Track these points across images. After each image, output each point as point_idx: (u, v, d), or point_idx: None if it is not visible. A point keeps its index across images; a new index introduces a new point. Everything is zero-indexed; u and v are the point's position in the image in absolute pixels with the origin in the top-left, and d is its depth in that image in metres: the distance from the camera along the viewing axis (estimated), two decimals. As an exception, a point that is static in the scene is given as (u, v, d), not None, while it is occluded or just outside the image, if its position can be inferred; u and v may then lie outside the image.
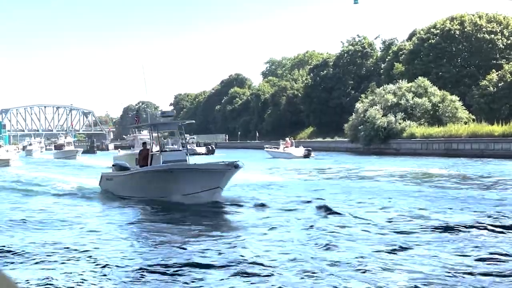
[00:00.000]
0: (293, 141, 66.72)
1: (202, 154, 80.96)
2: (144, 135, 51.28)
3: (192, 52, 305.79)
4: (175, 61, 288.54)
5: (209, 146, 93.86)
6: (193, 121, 28.12)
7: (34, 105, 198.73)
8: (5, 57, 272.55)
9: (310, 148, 61.96)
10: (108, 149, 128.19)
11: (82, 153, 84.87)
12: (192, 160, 22.67)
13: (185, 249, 11.58)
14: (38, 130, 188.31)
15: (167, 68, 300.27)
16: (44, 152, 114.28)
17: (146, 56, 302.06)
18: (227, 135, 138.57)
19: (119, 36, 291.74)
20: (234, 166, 18.39)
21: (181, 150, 22.90)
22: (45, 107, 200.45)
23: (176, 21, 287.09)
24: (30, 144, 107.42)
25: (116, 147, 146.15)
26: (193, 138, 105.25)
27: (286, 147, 62.64)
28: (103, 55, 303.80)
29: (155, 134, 23.23)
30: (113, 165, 25.62)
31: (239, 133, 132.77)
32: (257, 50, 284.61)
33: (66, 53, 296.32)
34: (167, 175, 19.54)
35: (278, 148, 65.14)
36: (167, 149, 24.24)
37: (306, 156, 58.30)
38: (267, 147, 69.52)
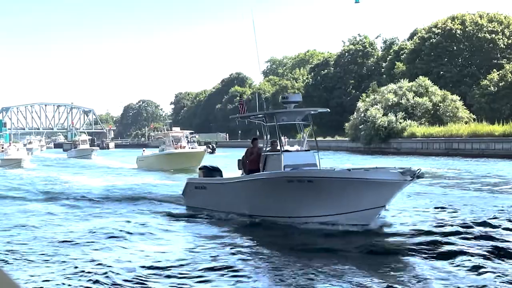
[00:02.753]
0: (287, 140, 66.86)
1: None
2: (177, 131, 48.19)
3: (193, 51, 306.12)
4: (176, 59, 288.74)
5: (210, 145, 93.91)
6: (327, 110, 17.92)
7: (34, 104, 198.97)
8: (6, 56, 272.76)
9: (307, 148, 62.04)
10: (108, 148, 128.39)
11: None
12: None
13: None
14: (38, 129, 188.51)
15: (168, 66, 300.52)
16: (44, 151, 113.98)
17: (146, 55, 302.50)
18: (227, 134, 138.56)
19: (120, 35, 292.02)
20: (415, 176, 12.65)
21: (308, 151, 16.48)
22: (45, 105, 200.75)
23: (176, 20, 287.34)
24: (30, 142, 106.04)
25: (116, 146, 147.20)
26: (194, 136, 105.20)
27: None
28: (104, 54, 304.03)
29: (271, 127, 17.17)
30: (201, 169, 19.48)
31: (239, 132, 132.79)
32: (258, 49, 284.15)
33: (66, 51, 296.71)
34: (300, 186, 13.72)
35: None
36: (290, 149, 17.29)
37: None
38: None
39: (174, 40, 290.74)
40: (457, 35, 78.81)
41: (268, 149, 16.31)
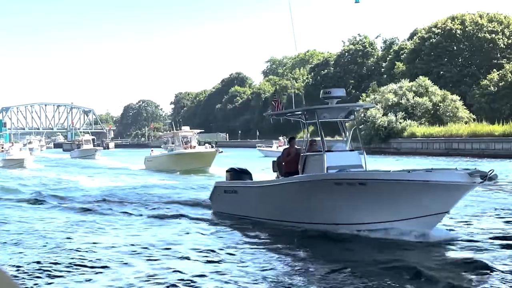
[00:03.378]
0: (286, 140, 67.09)
1: None
2: (186, 131, 45.76)
3: (193, 51, 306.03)
4: (176, 59, 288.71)
5: (211, 145, 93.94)
6: (374, 105, 15.90)
7: (34, 103, 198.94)
8: (6, 56, 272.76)
9: (305, 148, 62.25)
10: (108, 148, 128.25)
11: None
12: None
13: None
14: (38, 129, 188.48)
15: (168, 66, 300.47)
16: (44, 151, 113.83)
17: (146, 55, 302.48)
18: (227, 134, 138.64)
19: (120, 35, 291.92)
20: (486, 178, 11.22)
21: (353, 151, 15.20)
22: (45, 105, 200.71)
23: (176, 20, 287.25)
24: (30, 142, 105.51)
25: (116, 146, 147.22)
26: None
27: (279, 145, 63.10)
28: (104, 54, 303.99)
29: (311, 125, 16.14)
30: (228, 171, 17.76)
31: (239, 132, 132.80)
32: (258, 49, 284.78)
33: (66, 51, 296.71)
34: (351, 189, 12.37)
35: (271, 147, 65.53)
36: (333, 149, 15.33)
37: None
38: (259, 146, 69.91)
39: (174, 40, 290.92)
40: (457, 35, 78.83)
41: (307, 149, 14.97)
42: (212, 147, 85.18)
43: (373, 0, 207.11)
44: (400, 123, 62.64)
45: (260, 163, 48.42)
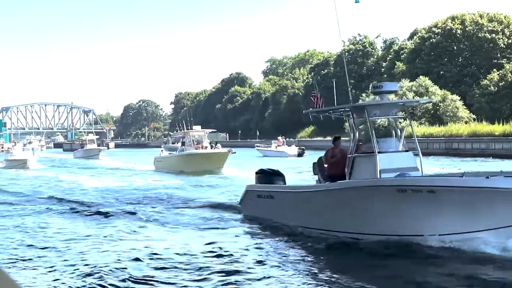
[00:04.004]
0: (284, 140, 67.25)
1: None
2: (197, 131, 43.97)
3: (193, 51, 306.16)
4: (176, 59, 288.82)
5: (211, 145, 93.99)
6: (432, 100, 13.83)
7: (34, 103, 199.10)
8: (6, 56, 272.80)
9: (303, 147, 62.35)
10: (108, 147, 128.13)
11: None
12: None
13: None
14: (38, 128, 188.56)
15: (168, 66, 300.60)
16: (44, 151, 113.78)
17: (146, 55, 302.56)
18: (227, 134, 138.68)
19: (120, 35, 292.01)
20: None
21: (407, 151, 13.35)
22: (45, 105, 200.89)
23: (176, 20, 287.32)
24: (30, 142, 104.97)
25: (116, 146, 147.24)
26: (195, 136, 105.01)
27: (278, 145, 63.21)
28: (104, 54, 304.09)
29: (360, 123, 14.95)
30: (258, 173, 16.33)
31: (239, 132, 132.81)
32: (258, 49, 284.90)
33: (66, 51, 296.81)
34: (418, 197, 11.03)
35: (269, 147, 65.66)
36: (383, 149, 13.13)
37: (300, 155, 58.77)
38: (258, 146, 70.06)
39: (174, 40, 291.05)
40: (457, 35, 78.82)
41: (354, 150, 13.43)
42: (212, 147, 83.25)
43: (373, 0, 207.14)
44: (400, 123, 62.55)
45: (259, 163, 48.49)
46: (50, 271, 10.32)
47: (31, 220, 16.51)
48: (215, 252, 11.52)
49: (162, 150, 48.64)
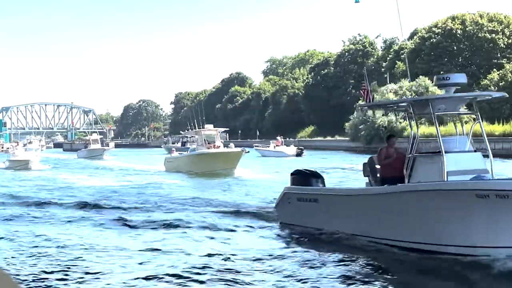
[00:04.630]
0: (283, 140, 67.39)
1: None
2: (210, 129, 41.99)
3: (193, 51, 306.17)
4: (176, 59, 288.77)
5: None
6: (504, 94, 12.36)
7: (34, 103, 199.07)
8: (6, 56, 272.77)
9: (302, 147, 62.48)
10: (108, 147, 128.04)
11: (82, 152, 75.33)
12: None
13: None
14: (38, 128, 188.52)
15: (168, 66, 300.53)
16: (44, 151, 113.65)
17: (146, 55, 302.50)
18: (227, 134, 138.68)
19: (120, 35, 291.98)
20: None
21: (475, 151, 12.44)
22: (45, 105, 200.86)
23: (176, 20, 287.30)
24: (30, 142, 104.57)
25: (116, 145, 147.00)
26: (194, 136, 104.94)
27: (276, 145, 63.29)
28: (104, 54, 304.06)
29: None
30: (294, 174, 14.87)
31: (239, 132, 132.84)
32: (258, 49, 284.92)
33: (66, 51, 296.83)
34: (503, 204, 9.75)
35: (268, 147, 65.72)
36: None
37: (298, 155, 58.88)
38: (256, 146, 70.19)
39: (174, 40, 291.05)
40: (457, 35, 78.80)
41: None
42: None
43: (373, 0, 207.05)
44: (400, 123, 62.67)
45: (258, 163, 48.74)
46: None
47: (81, 232, 14.58)
48: (263, 269, 10.19)
49: (173, 150, 46.74)
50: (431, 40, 79.27)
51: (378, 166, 12.91)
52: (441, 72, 77.24)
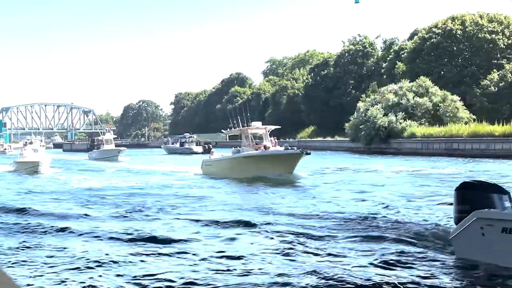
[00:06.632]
0: (276, 140, 67.29)
1: (199, 153, 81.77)
2: (258, 127, 35.97)
3: (193, 51, 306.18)
4: (176, 59, 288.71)
5: (206, 145, 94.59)
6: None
7: (34, 104, 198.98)
8: (6, 56, 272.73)
9: (294, 147, 62.45)
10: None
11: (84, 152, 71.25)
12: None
13: None
14: (38, 129, 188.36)
15: (168, 66, 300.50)
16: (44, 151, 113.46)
17: (146, 55, 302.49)
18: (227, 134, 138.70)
19: (120, 35, 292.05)
20: None
21: None
22: (45, 105, 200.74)
23: (176, 20, 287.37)
24: (31, 143, 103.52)
25: (116, 146, 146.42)
26: (192, 137, 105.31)
27: (272, 146, 63.24)
28: (104, 54, 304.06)
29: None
30: (460, 188, 10.07)
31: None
32: (258, 49, 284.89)
33: (66, 51, 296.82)
34: None
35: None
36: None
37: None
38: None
39: (174, 40, 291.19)
40: (457, 35, 78.81)
41: None
42: (210, 148, 77.33)
43: (373, 0, 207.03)
44: (400, 123, 62.65)
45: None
46: None
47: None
48: None
49: (212, 152, 39.93)
50: (431, 41, 79.27)
51: None
52: (441, 73, 77.51)
